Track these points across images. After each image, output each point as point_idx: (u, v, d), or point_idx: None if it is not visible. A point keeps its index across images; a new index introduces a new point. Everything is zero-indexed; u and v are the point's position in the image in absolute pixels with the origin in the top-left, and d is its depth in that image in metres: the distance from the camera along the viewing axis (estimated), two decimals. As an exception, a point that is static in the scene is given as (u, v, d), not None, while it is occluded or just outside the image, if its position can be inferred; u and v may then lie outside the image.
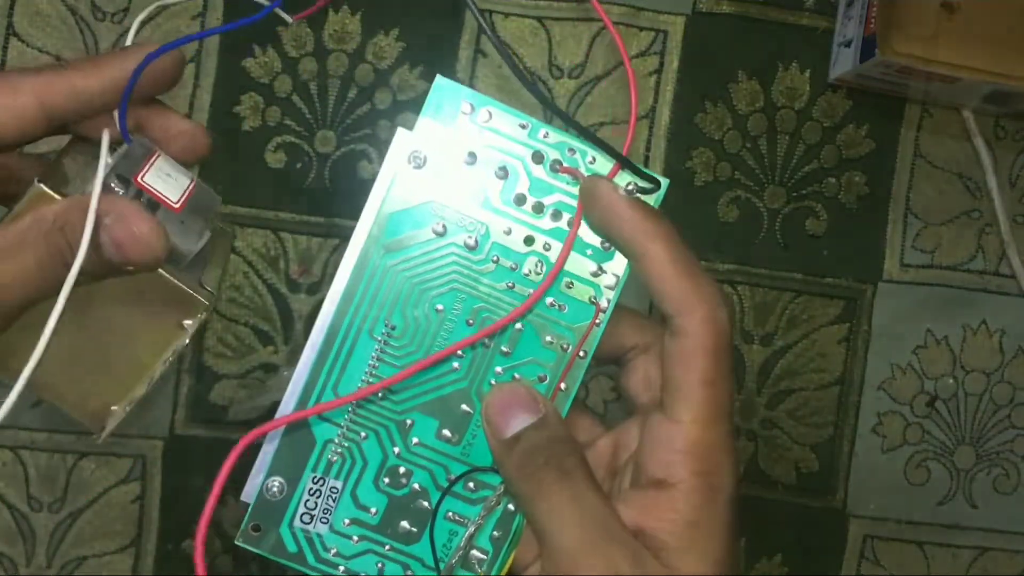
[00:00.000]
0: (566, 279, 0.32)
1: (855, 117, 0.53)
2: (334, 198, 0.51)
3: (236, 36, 0.51)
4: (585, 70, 0.52)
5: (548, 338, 0.32)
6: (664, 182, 0.32)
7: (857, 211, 0.53)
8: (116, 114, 0.29)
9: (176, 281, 0.31)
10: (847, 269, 0.53)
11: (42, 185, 0.29)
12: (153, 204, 0.30)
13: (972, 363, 0.53)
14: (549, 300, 0.32)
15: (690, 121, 0.52)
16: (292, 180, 0.51)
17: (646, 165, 0.52)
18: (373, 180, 0.52)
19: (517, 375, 0.32)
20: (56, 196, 0.29)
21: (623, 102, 0.52)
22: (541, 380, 0.32)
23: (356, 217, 0.53)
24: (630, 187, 0.31)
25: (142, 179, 0.29)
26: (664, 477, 0.27)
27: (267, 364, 0.51)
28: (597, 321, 0.32)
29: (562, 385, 0.32)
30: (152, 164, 0.30)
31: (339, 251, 0.51)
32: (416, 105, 0.51)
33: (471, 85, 0.52)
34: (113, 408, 0.32)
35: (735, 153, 0.52)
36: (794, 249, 0.52)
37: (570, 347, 0.32)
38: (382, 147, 0.51)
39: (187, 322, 0.31)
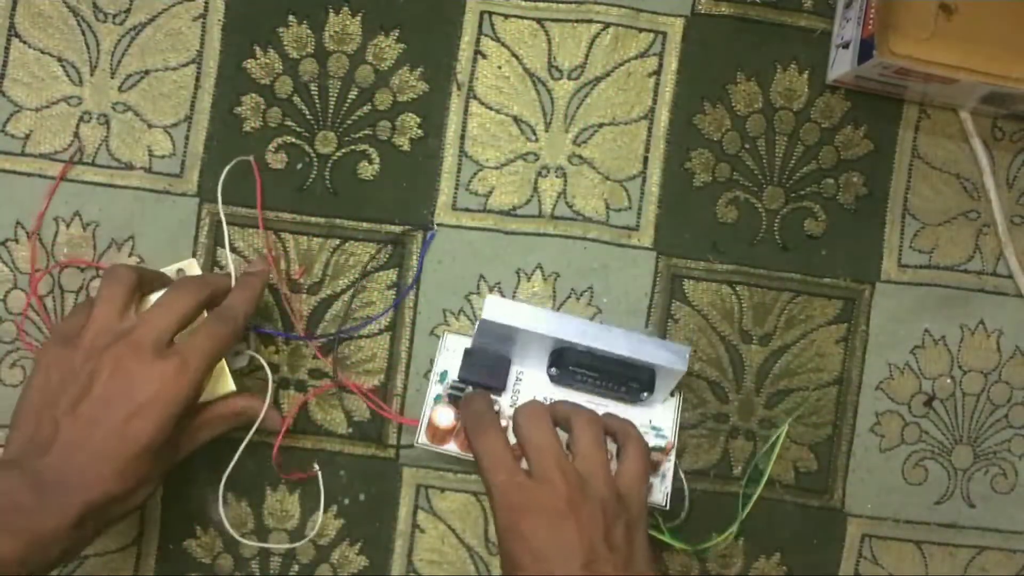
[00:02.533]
0: None
1: (853, 118, 0.53)
2: (334, 199, 0.51)
3: (237, 37, 0.51)
4: (584, 71, 0.52)
5: None
6: None
7: (855, 212, 0.53)
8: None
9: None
10: (845, 269, 0.53)
11: (233, 384, 0.47)
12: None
13: (970, 363, 0.53)
14: None
15: (689, 122, 0.52)
16: (293, 181, 0.51)
17: (645, 166, 0.52)
18: (373, 181, 0.53)
19: None
20: (234, 388, 0.47)
21: (622, 103, 0.52)
22: None
23: (356, 218, 0.54)
24: None
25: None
26: None
27: (268, 364, 0.51)
28: None
29: None
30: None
31: (339, 251, 0.51)
32: (416, 106, 0.52)
33: (471, 87, 0.52)
34: None
35: (734, 154, 0.53)
36: (793, 249, 0.53)
37: None
38: (382, 148, 0.52)
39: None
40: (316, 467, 0.51)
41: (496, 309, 0.46)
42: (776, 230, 0.53)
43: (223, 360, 0.47)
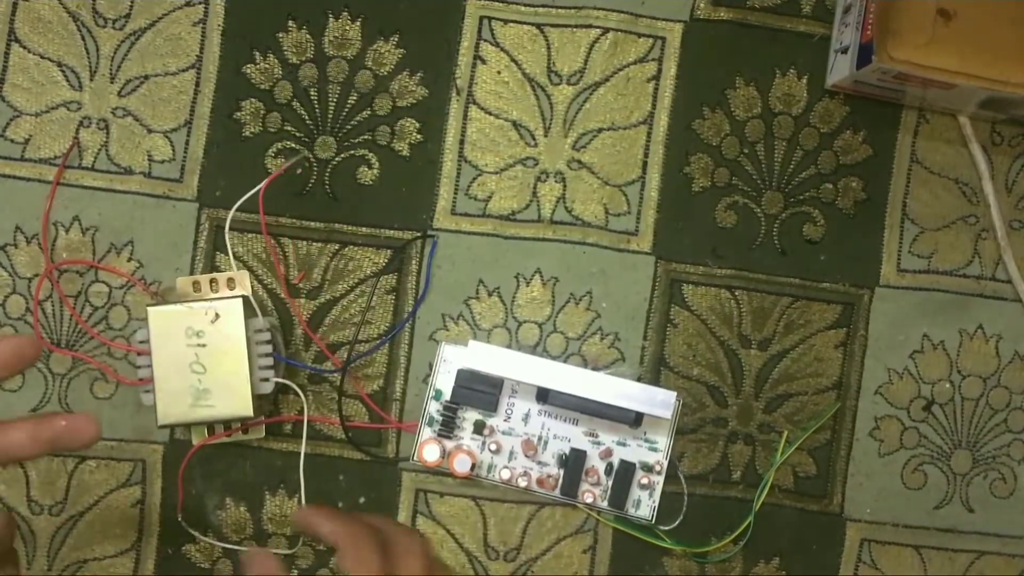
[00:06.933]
0: None
1: (852, 123, 0.53)
2: (334, 204, 0.51)
3: (236, 42, 0.51)
4: (584, 76, 0.52)
5: None
6: None
7: (854, 216, 0.53)
8: None
9: None
10: (844, 274, 0.53)
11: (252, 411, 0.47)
12: None
13: (968, 368, 0.53)
14: None
15: (688, 127, 0.52)
16: (292, 185, 0.51)
17: (644, 171, 0.52)
18: (372, 186, 0.53)
19: None
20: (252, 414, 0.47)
21: (621, 108, 0.52)
22: None
23: (355, 223, 0.54)
24: None
25: None
26: None
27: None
28: None
29: None
30: None
31: (338, 256, 0.51)
32: (415, 111, 0.52)
33: (470, 92, 0.52)
34: None
35: (733, 159, 0.53)
36: (792, 254, 0.53)
37: None
38: (381, 153, 0.52)
39: None
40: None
41: (475, 357, 0.49)
42: (775, 235, 0.53)
43: (248, 383, 0.46)
